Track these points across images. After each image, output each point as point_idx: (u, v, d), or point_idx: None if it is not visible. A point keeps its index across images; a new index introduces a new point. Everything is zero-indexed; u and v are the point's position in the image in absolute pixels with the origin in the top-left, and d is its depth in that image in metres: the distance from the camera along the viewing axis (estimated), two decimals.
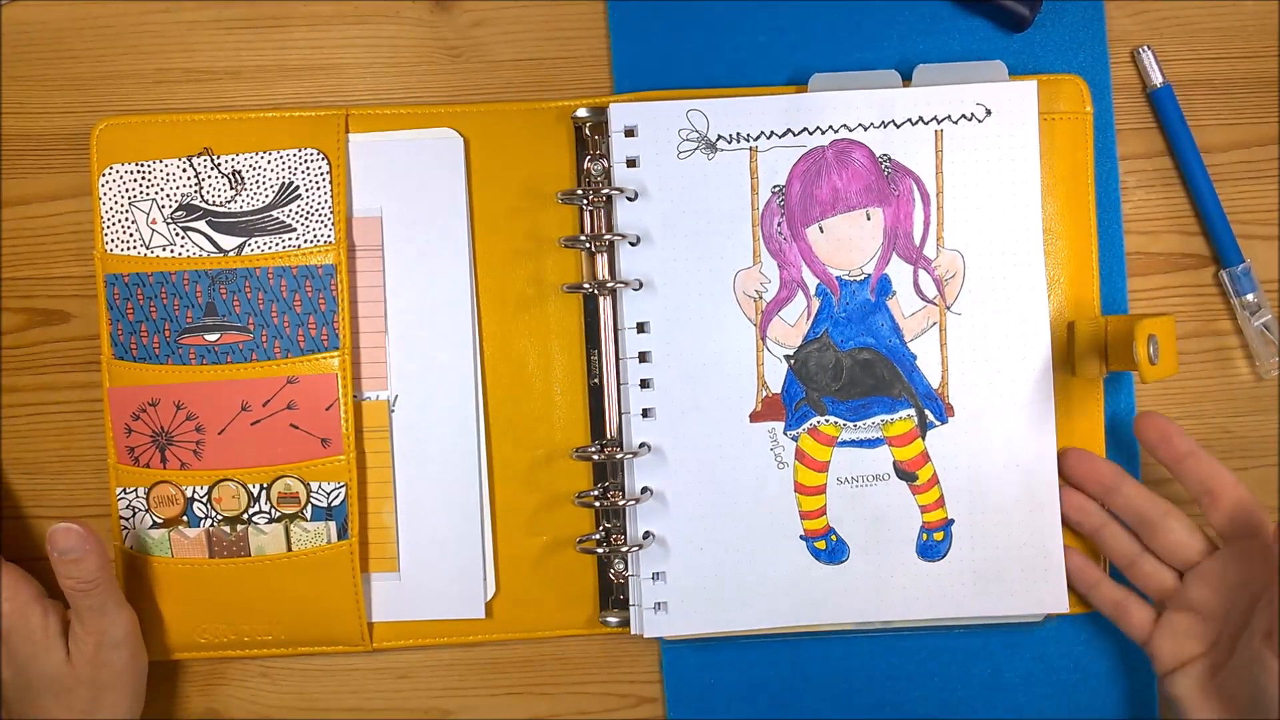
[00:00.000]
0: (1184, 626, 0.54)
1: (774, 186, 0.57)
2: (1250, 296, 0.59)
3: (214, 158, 0.57)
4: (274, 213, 0.57)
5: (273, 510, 0.57)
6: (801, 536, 0.57)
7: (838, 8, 0.59)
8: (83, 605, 0.53)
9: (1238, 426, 0.60)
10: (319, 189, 0.57)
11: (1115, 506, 0.56)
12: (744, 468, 0.57)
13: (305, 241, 0.57)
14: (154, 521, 0.57)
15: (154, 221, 0.57)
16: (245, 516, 0.57)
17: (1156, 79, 0.59)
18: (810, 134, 0.56)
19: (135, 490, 0.57)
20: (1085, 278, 0.58)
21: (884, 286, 0.57)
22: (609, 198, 0.57)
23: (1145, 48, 0.59)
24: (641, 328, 0.57)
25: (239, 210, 0.57)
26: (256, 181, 0.57)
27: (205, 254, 0.57)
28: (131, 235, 0.57)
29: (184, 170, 0.57)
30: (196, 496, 0.57)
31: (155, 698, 0.60)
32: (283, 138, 0.57)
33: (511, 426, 0.59)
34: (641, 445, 0.57)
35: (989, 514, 0.57)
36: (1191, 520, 0.54)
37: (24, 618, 0.54)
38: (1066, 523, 0.57)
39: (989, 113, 0.56)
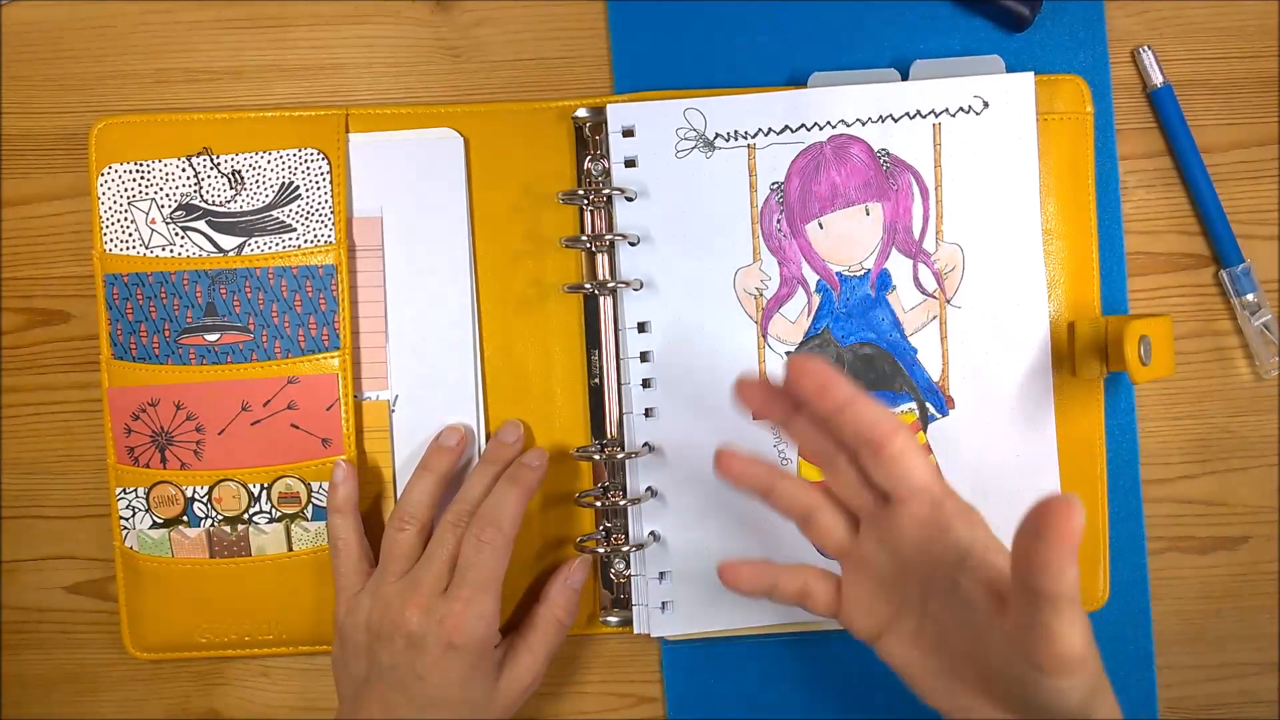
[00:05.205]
0: (866, 589, 0.49)
1: (772, 184, 0.57)
2: (1250, 296, 0.59)
3: (214, 157, 0.57)
4: (274, 213, 0.57)
5: (273, 510, 0.57)
6: None
7: (837, 8, 0.59)
8: None
9: (1238, 426, 0.60)
10: (319, 189, 0.57)
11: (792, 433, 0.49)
12: None
13: (305, 241, 0.57)
14: (154, 521, 0.57)
15: (153, 221, 0.57)
16: (246, 516, 0.57)
17: (1156, 79, 0.59)
18: (808, 130, 0.56)
19: (135, 490, 0.57)
20: (1085, 278, 0.58)
21: (884, 281, 0.57)
22: (609, 197, 0.57)
23: (1145, 48, 0.59)
24: (642, 327, 0.57)
25: (239, 210, 0.57)
26: (256, 181, 0.57)
27: (205, 254, 0.57)
28: (131, 235, 0.57)
29: (183, 170, 0.57)
30: (197, 496, 0.57)
31: (155, 697, 0.60)
32: (283, 138, 0.57)
33: None
34: (643, 445, 0.57)
35: (990, 506, 0.57)
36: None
37: None
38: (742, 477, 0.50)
39: (986, 105, 0.56)
